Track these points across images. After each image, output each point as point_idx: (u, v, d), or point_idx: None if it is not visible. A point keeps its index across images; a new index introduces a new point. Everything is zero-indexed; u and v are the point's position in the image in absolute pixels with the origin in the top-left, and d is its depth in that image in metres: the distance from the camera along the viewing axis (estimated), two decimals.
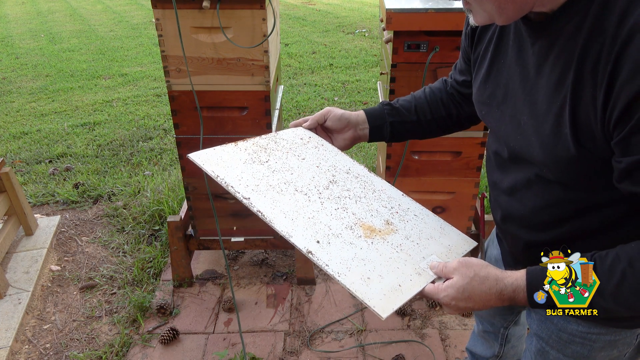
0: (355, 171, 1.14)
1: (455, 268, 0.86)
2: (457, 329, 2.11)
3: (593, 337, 0.97)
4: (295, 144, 1.17)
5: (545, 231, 0.91)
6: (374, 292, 0.85)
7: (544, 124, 0.79)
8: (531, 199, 0.90)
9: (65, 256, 2.60)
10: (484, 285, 0.82)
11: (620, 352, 1.00)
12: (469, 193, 2.14)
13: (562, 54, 0.76)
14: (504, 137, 0.92)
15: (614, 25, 0.68)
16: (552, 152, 0.79)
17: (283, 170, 1.07)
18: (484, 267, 0.84)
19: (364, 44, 6.79)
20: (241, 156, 1.09)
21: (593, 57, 0.70)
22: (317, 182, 1.07)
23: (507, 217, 0.99)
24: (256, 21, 1.78)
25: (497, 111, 0.92)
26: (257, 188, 1.00)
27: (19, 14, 9.89)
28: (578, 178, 0.80)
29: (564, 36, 0.75)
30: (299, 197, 1.01)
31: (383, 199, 1.09)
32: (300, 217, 0.96)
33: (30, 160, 3.65)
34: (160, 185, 3.02)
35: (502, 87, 0.91)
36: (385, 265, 0.91)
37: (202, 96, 1.92)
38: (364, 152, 3.56)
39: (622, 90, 0.66)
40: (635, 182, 0.72)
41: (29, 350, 2.05)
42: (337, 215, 1.00)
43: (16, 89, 5.27)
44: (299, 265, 2.32)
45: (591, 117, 0.72)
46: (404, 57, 1.86)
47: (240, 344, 2.03)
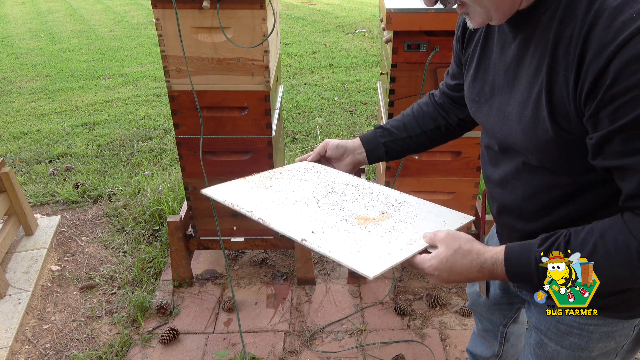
0: (354, 182, 1.21)
1: (442, 239, 0.89)
2: (457, 329, 2.11)
3: (590, 328, 0.97)
4: (299, 172, 1.26)
5: (537, 220, 0.93)
6: (362, 259, 0.89)
7: (525, 110, 0.83)
8: (520, 188, 0.94)
9: (65, 256, 2.60)
10: (466, 258, 0.86)
11: (617, 343, 1.00)
12: (469, 193, 2.14)
13: (539, 43, 0.80)
14: (492, 130, 0.96)
15: (582, 11, 0.73)
16: (533, 135, 0.83)
17: (285, 190, 1.16)
18: (469, 242, 0.88)
19: (364, 44, 6.79)
20: (248, 186, 1.20)
21: (565, 41, 0.75)
22: (316, 194, 1.14)
23: (501, 209, 1.02)
24: (256, 21, 1.78)
25: (486, 106, 0.96)
26: (260, 204, 1.09)
27: (19, 14, 9.89)
28: (559, 161, 0.84)
29: (541, 27, 0.80)
30: (298, 205, 1.09)
31: (380, 197, 1.14)
32: (297, 218, 1.03)
33: (30, 160, 3.65)
34: (160, 185, 3.02)
35: (489, 83, 0.95)
36: (376, 242, 0.95)
37: (202, 96, 1.92)
38: None
39: (589, 69, 0.71)
40: (606, 156, 0.75)
41: (29, 350, 2.05)
42: (333, 213, 1.06)
43: (16, 89, 5.27)
44: (299, 265, 2.32)
45: (565, 98, 0.76)
46: (404, 57, 1.86)
47: (240, 344, 2.03)
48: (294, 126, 4.12)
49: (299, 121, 4.24)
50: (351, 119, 4.27)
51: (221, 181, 1.21)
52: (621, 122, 0.70)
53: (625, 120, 0.69)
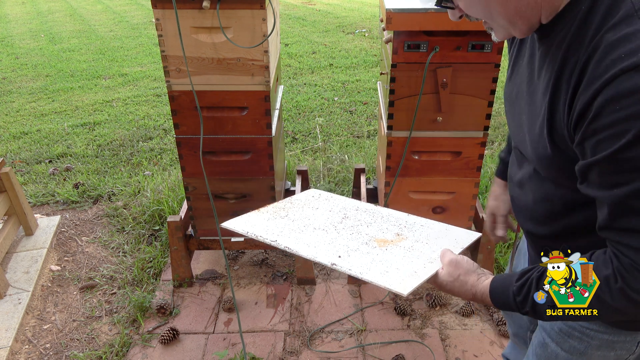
0: (363, 207, 1.31)
1: (446, 264, 0.99)
2: (457, 329, 2.11)
3: (591, 334, 0.97)
4: (308, 201, 1.35)
5: (544, 225, 0.96)
6: (393, 278, 0.99)
7: (535, 123, 0.86)
8: (531, 192, 0.97)
9: (65, 256, 2.60)
10: (463, 288, 0.96)
11: (617, 356, 0.98)
12: (469, 193, 2.14)
13: (551, 61, 0.82)
14: (512, 133, 1.00)
15: (588, 40, 0.74)
16: (536, 149, 0.87)
17: (301, 219, 1.26)
18: (467, 274, 0.96)
19: (364, 44, 6.79)
20: (264, 217, 1.28)
21: (570, 66, 0.77)
22: (331, 220, 1.25)
23: (518, 210, 1.06)
24: (256, 21, 1.78)
25: (511, 109, 1.00)
26: (282, 233, 1.18)
27: (19, 14, 9.89)
28: (560, 176, 0.87)
29: (555, 45, 0.81)
30: (317, 232, 1.19)
31: (391, 220, 1.24)
32: (321, 244, 1.13)
33: (30, 160, 3.65)
34: (160, 185, 3.02)
35: (517, 86, 0.97)
36: (400, 262, 1.05)
37: (202, 96, 1.92)
38: (363, 152, 3.55)
39: (579, 100, 0.73)
40: (589, 184, 0.78)
41: (29, 350, 2.05)
42: (353, 237, 1.16)
43: (16, 89, 5.27)
44: (299, 265, 2.32)
45: (563, 121, 0.78)
46: (404, 57, 1.86)
47: (240, 344, 2.03)
48: (294, 126, 4.12)
49: (299, 121, 4.24)
50: (351, 119, 4.27)
51: (221, 181, 1.26)
52: (598, 156, 0.72)
53: (602, 155, 0.72)
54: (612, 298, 0.77)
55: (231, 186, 2.12)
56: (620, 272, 0.76)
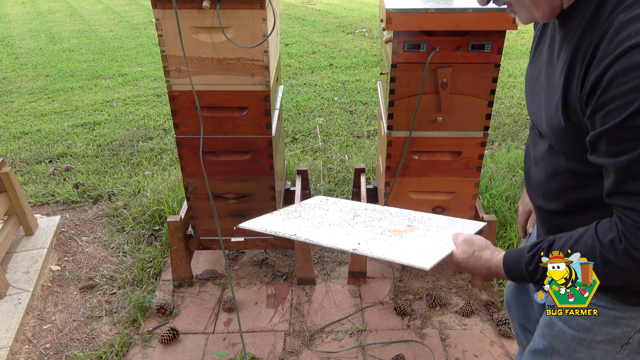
0: (371, 207, 1.38)
1: (460, 243, 1.06)
2: (457, 329, 2.11)
3: (598, 309, 1.00)
4: (317, 204, 1.42)
5: (556, 200, 1.02)
6: (415, 257, 1.06)
7: (552, 100, 0.93)
8: (544, 169, 1.04)
9: (65, 256, 2.60)
10: (478, 263, 1.03)
11: (623, 333, 1.00)
12: (469, 193, 2.14)
13: (569, 43, 0.89)
14: (531, 112, 1.06)
15: (601, 23, 0.81)
16: (551, 124, 0.93)
17: (314, 218, 1.33)
18: (481, 249, 1.03)
19: (364, 44, 6.79)
20: (278, 218, 1.34)
21: (585, 47, 0.84)
22: (344, 218, 1.31)
23: (532, 187, 1.12)
24: (256, 21, 1.78)
25: (532, 90, 1.06)
26: (299, 229, 1.25)
27: (19, 14, 9.89)
28: (572, 149, 0.93)
29: (572, 29, 0.88)
30: (333, 227, 1.26)
31: (400, 216, 1.32)
32: (339, 236, 1.20)
33: (30, 160, 3.65)
34: (160, 185, 3.02)
35: (538, 68, 1.04)
36: (417, 245, 1.12)
37: (202, 96, 1.92)
38: (363, 152, 3.55)
39: (591, 76, 0.80)
40: (598, 153, 0.84)
41: (29, 350, 2.05)
42: (367, 230, 1.23)
43: (16, 89, 5.27)
44: (299, 265, 2.32)
45: (576, 96, 0.85)
46: (404, 57, 1.86)
47: (240, 344, 2.03)
48: (294, 126, 4.12)
49: (299, 121, 4.24)
50: (351, 119, 4.27)
51: (221, 181, 1.30)
52: (607, 125, 0.79)
53: (610, 125, 0.78)
54: (617, 258, 0.82)
55: (231, 186, 2.12)
56: (624, 234, 0.81)
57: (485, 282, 2.31)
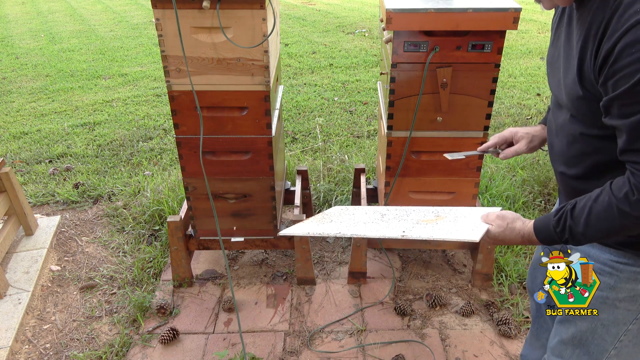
0: (392, 208, 1.44)
1: (493, 219, 1.17)
2: (457, 329, 2.11)
3: (620, 267, 1.06)
4: (340, 212, 1.47)
5: (576, 165, 1.12)
6: (461, 234, 1.16)
7: (569, 73, 1.04)
8: (565, 137, 1.14)
9: (65, 256, 2.61)
10: (512, 233, 1.13)
11: None
12: (469, 193, 2.14)
13: (583, 23, 1.00)
14: (553, 88, 1.18)
15: (611, 3, 0.92)
16: (570, 94, 1.05)
17: (346, 221, 1.39)
18: (513, 221, 1.13)
19: (364, 44, 6.79)
20: (313, 224, 1.41)
21: (597, 24, 0.95)
22: (373, 218, 1.37)
23: (554, 155, 1.21)
24: (256, 21, 1.78)
25: (552, 69, 1.17)
26: (339, 228, 1.32)
27: (19, 14, 9.89)
28: (588, 115, 1.04)
29: (586, 11, 1.00)
30: (369, 225, 1.32)
31: (423, 211, 1.39)
32: (380, 229, 1.27)
33: (30, 160, 3.65)
34: (160, 185, 3.02)
35: (558, 49, 1.14)
36: (455, 227, 1.21)
37: (202, 96, 1.92)
38: (363, 152, 3.55)
39: (602, 49, 0.92)
40: (611, 116, 0.95)
41: (29, 350, 2.05)
42: (402, 223, 1.30)
43: (16, 89, 5.27)
44: (299, 265, 2.32)
45: (590, 68, 0.97)
46: (404, 57, 1.86)
47: (240, 344, 2.03)
48: (294, 126, 4.12)
49: (299, 121, 4.24)
50: (351, 119, 4.27)
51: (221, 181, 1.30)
52: (618, 91, 0.89)
53: (621, 90, 0.89)
54: (632, 208, 0.92)
55: (231, 186, 2.12)
56: (636, 186, 0.91)
57: (485, 282, 2.31)
